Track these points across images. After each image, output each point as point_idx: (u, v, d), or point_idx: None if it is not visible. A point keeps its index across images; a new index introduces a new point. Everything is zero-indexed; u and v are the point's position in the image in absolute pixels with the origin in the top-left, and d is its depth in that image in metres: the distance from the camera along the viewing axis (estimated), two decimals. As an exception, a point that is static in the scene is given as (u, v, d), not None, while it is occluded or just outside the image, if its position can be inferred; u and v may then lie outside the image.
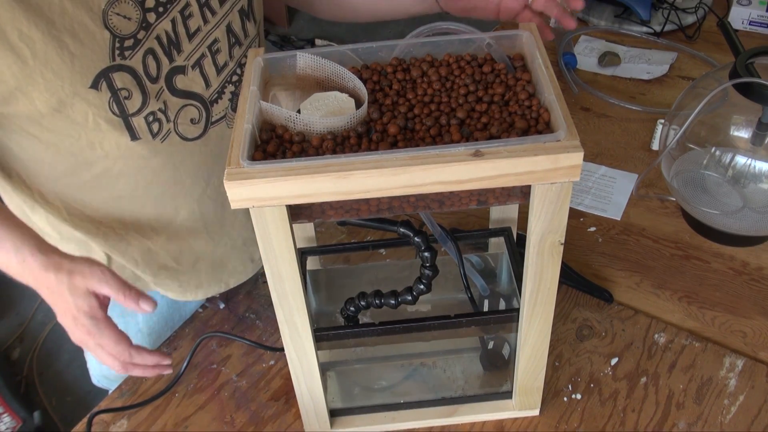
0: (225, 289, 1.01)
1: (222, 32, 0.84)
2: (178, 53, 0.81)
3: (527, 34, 0.71)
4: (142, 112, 0.79)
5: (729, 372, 0.88)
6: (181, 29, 0.80)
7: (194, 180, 0.89)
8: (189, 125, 0.85)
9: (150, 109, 0.80)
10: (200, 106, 0.85)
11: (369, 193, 0.61)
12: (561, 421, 0.85)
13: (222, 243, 0.97)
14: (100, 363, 0.80)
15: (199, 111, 0.85)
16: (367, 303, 0.78)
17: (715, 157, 1.04)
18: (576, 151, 0.59)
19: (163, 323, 1.03)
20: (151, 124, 0.81)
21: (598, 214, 1.10)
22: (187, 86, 0.83)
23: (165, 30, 0.79)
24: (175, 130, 0.84)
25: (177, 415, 0.88)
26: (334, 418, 0.84)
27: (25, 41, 0.69)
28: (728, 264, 1.02)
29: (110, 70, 0.75)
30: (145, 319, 1.02)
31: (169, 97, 0.82)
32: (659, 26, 1.47)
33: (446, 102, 0.67)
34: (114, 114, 0.78)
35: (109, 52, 0.75)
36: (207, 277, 0.99)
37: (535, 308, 0.73)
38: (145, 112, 0.80)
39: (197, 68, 0.83)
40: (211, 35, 0.83)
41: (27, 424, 1.76)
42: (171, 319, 1.04)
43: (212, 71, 0.85)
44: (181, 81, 0.82)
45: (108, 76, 0.75)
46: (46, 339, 2.09)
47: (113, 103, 0.77)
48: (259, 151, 0.63)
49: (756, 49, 0.94)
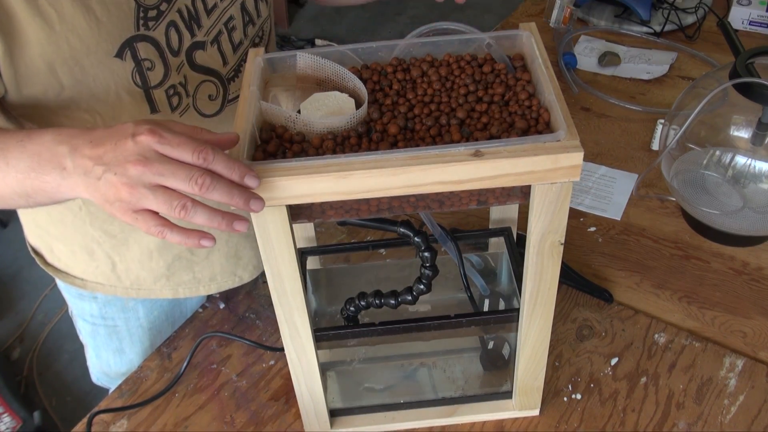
0: (239, 283, 1.01)
1: (237, 9, 0.85)
2: (198, 28, 0.81)
3: (527, 34, 0.71)
4: (164, 84, 0.80)
5: (729, 372, 0.88)
6: (200, 4, 0.81)
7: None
8: (207, 101, 0.86)
9: (171, 82, 0.80)
10: (218, 83, 0.86)
11: (369, 193, 0.61)
12: (561, 421, 0.85)
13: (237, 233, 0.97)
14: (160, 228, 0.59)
15: (216, 87, 0.86)
16: (367, 303, 0.78)
17: (715, 157, 1.04)
18: (576, 151, 0.59)
19: (164, 318, 1.04)
20: (171, 97, 0.82)
21: (598, 214, 1.10)
22: (205, 62, 0.84)
23: (185, 4, 0.79)
24: (194, 105, 0.85)
25: (177, 415, 0.88)
26: (334, 418, 0.84)
27: (53, 5, 0.69)
28: (728, 264, 1.02)
29: (135, 40, 0.75)
30: (146, 313, 1.02)
31: (189, 72, 0.82)
32: (659, 26, 1.47)
33: (446, 102, 0.67)
34: (136, 85, 0.78)
35: (134, 21, 0.75)
36: (221, 268, 0.98)
37: (535, 308, 0.73)
38: (167, 85, 0.80)
39: (215, 44, 0.84)
40: (227, 12, 0.84)
41: (27, 424, 1.76)
42: (172, 315, 1.04)
43: (229, 48, 0.86)
44: (200, 56, 0.83)
45: (133, 46, 0.76)
46: (46, 339, 2.09)
47: (136, 74, 0.77)
48: (259, 151, 0.63)
49: (756, 49, 0.94)
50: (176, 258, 0.94)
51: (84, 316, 1.03)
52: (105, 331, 1.03)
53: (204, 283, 0.98)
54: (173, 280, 0.96)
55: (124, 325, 1.02)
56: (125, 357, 1.06)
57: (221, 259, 0.98)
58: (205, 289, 0.99)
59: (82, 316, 1.03)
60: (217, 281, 0.99)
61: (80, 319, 1.04)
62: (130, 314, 1.00)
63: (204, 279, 0.98)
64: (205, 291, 0.99)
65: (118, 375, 1.07)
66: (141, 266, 0.94)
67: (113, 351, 1.05)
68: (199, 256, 0.96)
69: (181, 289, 0.98)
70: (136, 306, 1.01)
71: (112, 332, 1.03)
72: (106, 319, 1.01)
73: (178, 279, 0.96)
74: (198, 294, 0.99)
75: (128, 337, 1.03)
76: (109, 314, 1.01)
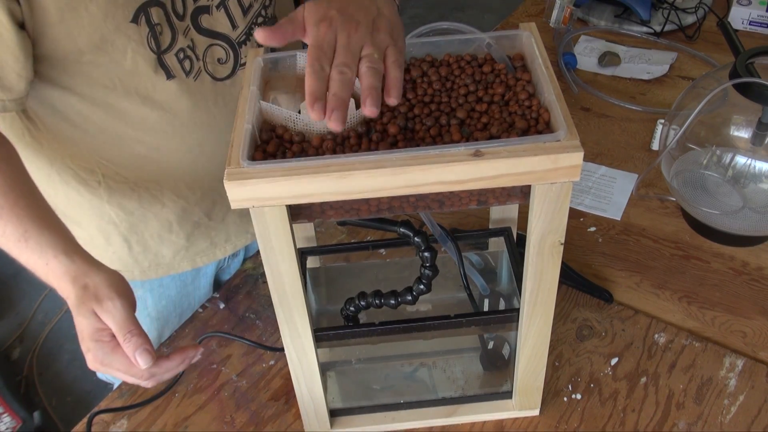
0: (251, 240, 1.04)
1: None
2: None
3: (527, 34, 0.71)
4: (173, 48, 0.82)
5: (729, 372, 0.88)
6: None
7: (227, 123, 0.90)
8: (217, 65, 0.87)
9: (179, 46, 0.82)
10: (227, 47, 0.87)
11: (369, 193, 0.61)
12: (561, 421, 0.85)
13: None
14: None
15: (226, 51, 0.87)
16: (367, 303, 0.78)
17: (715, 157, 1.04)
18: (576, 151, 0.59)
19: (171, 308, 1.04)
20: (183, 61, 0.83)
21: (598, 214, 1.10)
22: (212, 26, 0.85)
23: None
24: (205, 69, 0.86)
25: (177, 415, 0.88)
26: (334, 418, 0.84)
27: None
28: (728, 264, 1.02)
29: (148, 5, 0.78)
30: (155, 303, 1.02)
31: (196, 36, 0.84)
32: (659, 26, 1.47)
33: (446, 102, 0.67)
34: (151, 50, 0.80)
35: None
36: (235, 228, 1.02)
37: (535, 308, 0.73)
38: (175, 49, 0.82)
39: (222, 8, 0.85)
40: None
41: (27, 424, 1.76)
42: (180, 305, 1.05)
43: (238, 12, 0.87)
44: (206, 20, 0.84)
45: (146, 11, 0.77)
46: (46, 339, 2.09)
47: (151, 39, 0.79)
48: (259, 151, 0.63)
49: (756, 49, 0.94)
50: (195, 226, 0.97)
51: None
52: None
53: (220, 245, 1.02)
54: (192, 251, 0.99)
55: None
56: None
57: (236, 219, 1.01)
58: (222, 252, 1.02)
59: None
60: (232, 241, 1.03)
61: None
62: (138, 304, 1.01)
63: (220, 242, 1.01)
64: (222, 254, 1.02)
65: None
66: (160, 241, 0.96)
67: None
68: (215, 220, 0.99)
69: (199, 258, 1.01)
70: (145, 295, 1.01)
71: None
72: None
73: (196, 248, 0.99)
74: (215, 259, 1.02)
75: None
76: None
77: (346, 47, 0.60)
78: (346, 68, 0.59)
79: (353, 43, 0.60)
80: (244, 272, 1.06)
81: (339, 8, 0.62)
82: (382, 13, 0.64)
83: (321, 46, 0.60)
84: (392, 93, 0.59)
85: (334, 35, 0.61)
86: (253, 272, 1.06)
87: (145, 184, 0.90)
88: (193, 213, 0.95)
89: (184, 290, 1.04)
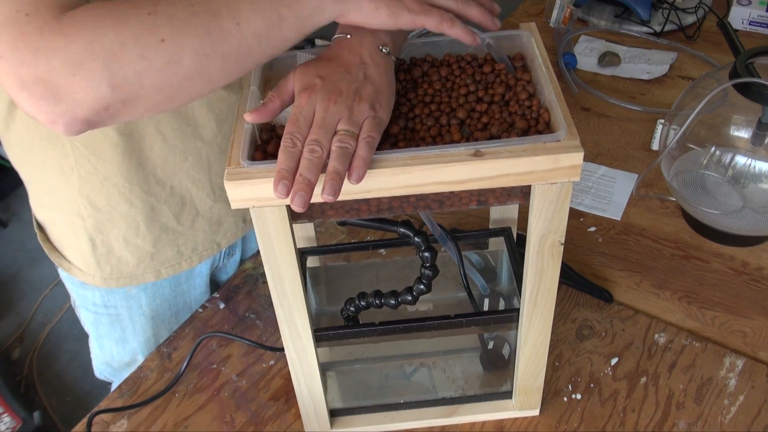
0: (217, 251, 1.02)
1: None
2: None
3: (527, 34, 0.71)
4: None
5: (729, 372, 0.88)
6: None
7: (206, 120, 0.90)
8: None
9: None
10: None
11: (369, 193, 0.61)
12: (561, 421, 0.85)
13: (221, 198, 0.97)
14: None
15: None
16: (367, 303, 0.78)
17: (715, 157, 1.04)
18: (576, 151, 0.59)
19: (166, 307, 1.04)
20: None
21: (598, 214, 1.10)
22: None
23: None
24: None
25: (177, 415, 0.88)
26: (334, 418, 0.84)
27: None
28: (728, 264, 1.02)
29: None
30: (149, 301, 1.02)
31: None
32: (659, 26, 1.47)
33: (447, 102, 0.67)
34: None
35: None
36: (203, 237, 0.99)
37: (535, 308, 0.73)
38: None
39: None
40: None
41: (27, 424, 1.76)
42: (175, 304, 1.04)
43: None
44: None
45: None
46: (46, 339, 2.09)
47: None
48: (259, 151, 0.63)
49: (756, 49, 0.94)
50: (163, 230, 0.94)
51: (86, 305, 1.03)
52: (107, 320, 1.03)
53: (186, 256, 0.99)
54: (157, 259, 0.96)
55: (126, 313, 1.02)
56: (128, 347, 1.06)
57: (204, 226, 0.98)
58: (188, 263, 0.99)
59: (85, 306, 1.04)
60: (199, 252, 1.00)
61: (83, 308, 1.05)
62: (132, 302, 1.00)
63: (186, 252, 0.98)
64: (188, 265, 1.00)
65: (121, 365, 1.08)
66: (125, 245, 0.94)
67: (116, 340, 1.05)
68: (184, 225, 0.96)
69: (164, 269, 0.98)
70: (139, 294, 1.01)
71: (115, 321, 1.03)
72: (108, 307, 1.02)
73: (162, 257, 0.96)
74: (180, 270, 0.99)
75: (131, 326, 1.04)
76: (112, 302, 1.01)
77: (321, 122, 0.59)
78: (317, 146, 0.58)
79: (329, 118, 0.60)
80: (244, 272, 1.06)
81: (324, 74, 0.62)
82: (369, 77, 0.63)
83: (297, 120, 0.60)
84: (353, 174, 0.58)
85: (313, 108, 0.60)
86: (253, 272, 1.06)
87: (114, 179, 0.89)
88: (161, 213, 0.93)
89: (178, 289, 1.03)
